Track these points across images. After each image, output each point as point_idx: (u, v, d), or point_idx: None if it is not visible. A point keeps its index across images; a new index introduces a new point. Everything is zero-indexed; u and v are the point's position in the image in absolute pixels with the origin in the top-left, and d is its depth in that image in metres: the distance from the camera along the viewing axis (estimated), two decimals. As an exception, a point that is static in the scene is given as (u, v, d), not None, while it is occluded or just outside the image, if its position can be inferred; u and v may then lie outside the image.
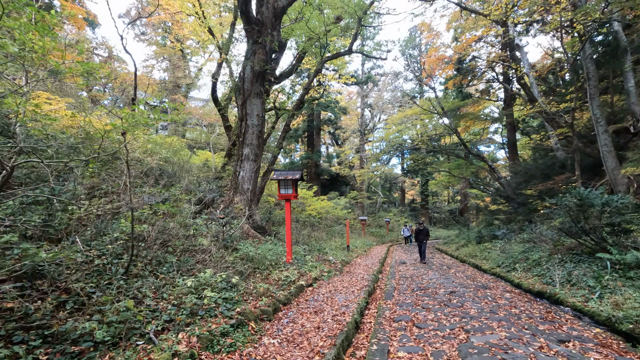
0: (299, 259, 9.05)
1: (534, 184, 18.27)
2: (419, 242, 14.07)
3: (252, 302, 5.39)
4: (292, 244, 11.51)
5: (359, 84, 30.66)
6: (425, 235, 14.02)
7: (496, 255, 13.54)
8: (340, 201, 29.37)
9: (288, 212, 8.46)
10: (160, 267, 5.51)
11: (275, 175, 8.42)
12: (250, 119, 11.39)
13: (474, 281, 9.33)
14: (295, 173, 8.41)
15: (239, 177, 11.61)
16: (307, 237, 14.59)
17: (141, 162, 10.06)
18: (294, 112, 17.56)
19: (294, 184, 8.36)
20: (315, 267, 9.01)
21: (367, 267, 11.61)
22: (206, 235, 7.37)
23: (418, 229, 14.18)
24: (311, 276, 7.85)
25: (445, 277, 9.83)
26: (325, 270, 9.07)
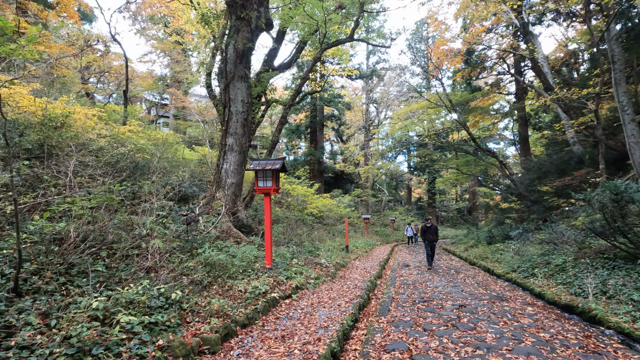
0: (282, 263, 7.64)
1: (549, 181, 16.70)
2: (427, 242, 11.59)
3: (195, 325, 3.99)
4: (280, 245, 10.11)
5: (363, 78, 29.14)
6: (434, 233, 11.47)
7: (510, 258, 12.02)
8: (344, 199, 27.90)
9: (267, 208, 7.06)
10: (79, 277, 4.15)
11: (252, 165, 7.03)
12: (234, 104, 10.02)
13: (487, 290, 7.81)
14: (276, 162, 7.00)
15: (222, 171, 10.26)
16: (303, 237, 13.19)
17: (106, 152, 8.75)
18: (290, 102, 16.20)
19: (274, 175, 6.96)
20: (300, 272, 7.60)
21: (364, 272, 10.15)
22: (162, 236, 6.00)
23: (425, 227, 11.55)
24: (291, 285, 6.43)
25: (453, 285, 8.32)
26: (312, 277, 7.65)
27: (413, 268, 11.64)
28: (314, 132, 29.32)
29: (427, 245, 11.67)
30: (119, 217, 5.75)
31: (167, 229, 6.48)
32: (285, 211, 16.75)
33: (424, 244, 11.71)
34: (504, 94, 26.62)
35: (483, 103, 26.27)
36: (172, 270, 5.25)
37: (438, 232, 11.65)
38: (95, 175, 7.20)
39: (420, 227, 11.50)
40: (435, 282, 8.82)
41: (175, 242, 6.48)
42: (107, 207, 5.76)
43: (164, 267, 5.36)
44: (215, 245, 7.07)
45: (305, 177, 28.39)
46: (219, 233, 9.01)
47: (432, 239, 11.52)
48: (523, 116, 24.68)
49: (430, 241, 11.56)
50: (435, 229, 11.55)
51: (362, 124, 34.40)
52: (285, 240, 11.10)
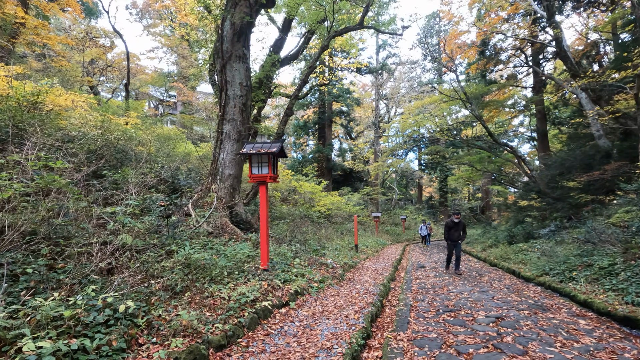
0: (281, 264, 6.50)
1: (573, 176, 15.31)
2: (451, 242, 9.54)
3: (149, 350, 2.87)
4: (282, 243, 8.97)
5: (373, 72, 27.87)
6: (462, 231, 9.52)
7: (536, 259, 10.71)
8: (353, 197, 26.68)
9: (263, 199, 5.94)
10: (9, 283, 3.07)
11: (246, 148, 5.90)
12: (231, 88, 8.92)
13: (520, 296, 6.56)
14: (273, 145, 5.86)
15: (218, 161, 9.17)
16: (308, 235, 12.05)
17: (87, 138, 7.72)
18: (296, 93, 15.10)
19: (270, 160, 5.82)
20: (302, 274, 6.44)
21: (376, 273, 8.95)
22: (135, 230, 4.91)
23: (451, 223, 9.48)
24: (289, 290, 5.27)
25: (480, 290, 7.07)
26: (315, 280, 6.48)
27: (429, 270, 10.39)
28: (322, 128, 28.16)
29: (450, 245, 9.64)
30: (76, 206, 4.67)
31: (142, 222, 5.39)
32: (292, 209, 15.61)
33: (447, 243, 9.73)
34: (521, 87, 25.11)
35: (498, 97, 24.80)
36: (138, 272, 4.15)
37: (465, 229, 9.70)
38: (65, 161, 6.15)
39: (445, 224, 9.61)
40: (457, 286, 7.57)
41: (154, 238, 5.39)
42: (64, 194, 4.68)
43: (130, 268, 4.26)
44: (200, 243, 5.96)
45: (313, 174, 27.25)
46: (212, 229, 7.92)
47: (458, 238, 9.48)
48: (542, 110, 23.20)
49: (455, 241, 9.49)
50: (463, 226, 9.58)
51: (371, 120, 33.12)
52: (289, 238, 9.96)
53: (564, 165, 17.45)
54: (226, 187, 9.07)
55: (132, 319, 3.11)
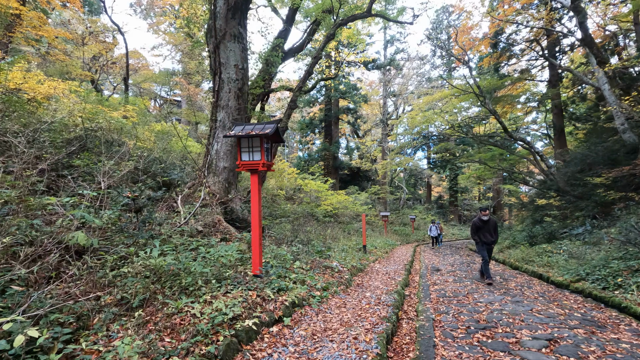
0: (278, 268, 5.44)
1: (597, 172, 14.10)
2: (483, 244, 7.83)
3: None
4: (282, 244, 7.92)
5: (380, 67, 26.71)
6: (494, 231, 7.90)
7: (564, 262, 9.55)
8: (360, 196, 25.56)
9: (255, 191, 4.90)
10: None
11: (235, 130, 4.87)
12: (225, 70, 7.90)
13: (561, 307, 5.41)
14: (266, 127, 4.82)
15: (212, 152, 8.17)
16: (312, 235, 11.01)
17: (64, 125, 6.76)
18: (300, 84, 14.08)
19: (263, 144, 4.78)
20: (302, 281, 5.38)
21: (387, 277, 7.85)
22: (89, 226, 3.90)
23: (479, 221, 7.83)
24: (284, 302, 4.20)
25: (512, 299, 5.92)
26: (318, 287, 5.41)
27: (446, 273, 9.25)
28: (328, 126, 27.09)
29: (481, 247, 7.83)
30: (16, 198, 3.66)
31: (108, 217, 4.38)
32: (296, 207, 14.58)
33: (477, 246, 7.96)
34: (536, 81, 23.78)
35: (512, 91, 23.50)
36: (86, 281, 3.13)
37: (497, 228, 8.06)
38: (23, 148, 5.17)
39: (472, 224, 8.02)
40: (484, 294, 6.44)
41: (119, 237, 4.37)
42: None
43: (74, 275, 3.24)
44: (180, 242, 4.93)
45: (319, 173, 26.20)
46: (202, 227, 6.91)
47: (491, 240, 7.87)
48: (558, 105, 21.87)
49: (487, 243, 7.85)
50: (494, 224, 7.93)
51: (379, 118, 31.94)
52: (291, 238, 8.92)
53: (585, 162, 16.19)
54: (220, 182, 8.06)
55: (40, 355, 2.08)
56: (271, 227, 9.38)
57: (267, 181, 20.45)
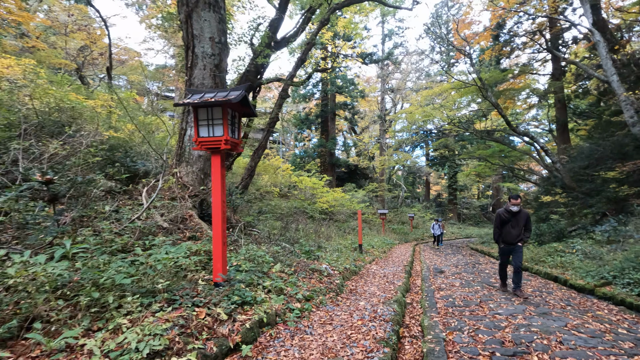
0: (250, 274, 4.33)
1: (607, 167, 13.13)
2: (506, 245, 6.01)
3: None
4: (262, 244, 6.81)
5: (378, 62, 25.56)
6: (524, 227, 5.94)
7: (579, 262, 8.52)
8: (358, 194, 24.45)
9: (217, 176, 3.78)
10: None
11: (189, 97, 3.76)
12: (199, 44, 6.78)
13: (599, 320, 4.31)
14: (232, 92, 3.71)
15: (184, 138, 7.04)
16: (301, 233, 9.90)
17: None
18: (293, 73, 13.00)
19: (226, 115, 3.66)
20: (279, 289, 4.25)
21: (385, 281, 6.74)
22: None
23: (506, 214, 5.89)
24: (246, 321, 3.08)
25: (537, 310, 4.77)
26: (299, 296, 4.28)
27: (451, 276, 8.14)
28: (325, 122, 25.94)
29: (504, 250, 6.06)
30: None
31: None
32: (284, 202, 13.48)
33: (500, 247, 6.11)
34: (539, 74, 22.72)
35: (514, 85, 22.42)
36: None
37: (530, 224, 5.98)
38: None
39: (497, 216, 5.98)
40: (501, 302, 5.32)
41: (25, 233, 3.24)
42: None
43: None
44: (116, 242, 3.81)
45: (316, 170, 25.10)
46: (168, 223, 5.79)
47: (518, 237, 5.83)
48: (561, 99, 20.80)
49: (512, 242, 5.88)
50: (526, 219, 5.88)
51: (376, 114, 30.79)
52: (277, 237, 7.81)
53: (592, 157, 15.16)
54: (194, 172, 6.93)
55: None
56: (255, 224, 8.26)
57: (259, 178, 19.32)
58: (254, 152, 12.99)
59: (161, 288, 2.80)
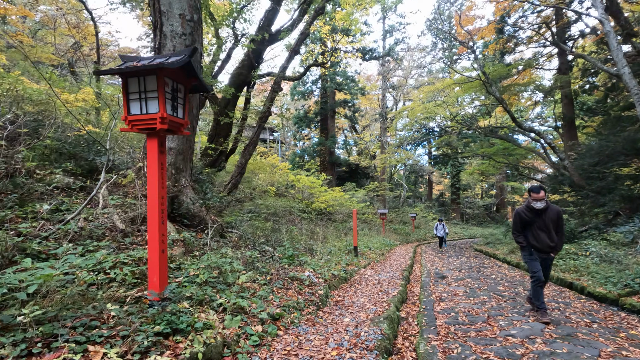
0: (207, 287, 3.48)
1: (618, 163, 12.23)
2: (535, 252, 4.47)
3: None
4: (242, 247, 5.95)
5: (378, 58, 24.65)
6: (556, 227, 4.37)
7: (594, 266, 7.63)
8: (358, 193, 23.55)
9: (153, 165, 2.95)
10: None
11: (122, 64, 2.91)
12: (168, 22, 5.94)
13: (637, 345, 3.42)
14: (172, 57, 2.86)
15: (153, 129, 6.17)
16: (285, 235, 9.03)
17: None
18: (285, 64, 12.21)
19: (162, 87, 2.82)
20: (238, 307, 3.37)
21: (378, 290, 5.85)
22: None
23: (528, 213, 4.40)
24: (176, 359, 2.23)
25: (559, 330, 3.85)
26: (264, 315, 3.39)
27: (454, 283, 7.22)
28: (324, 120, 25.06)
29: (532, 257, 4.49)
30: None
31: None
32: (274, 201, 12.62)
33: (524, 254, 4.62)
34: (545, 69, 21.70)
35: (519, 81, 21.42)
36: None
37: (564, 224, 4.52)
38: None
39: (515, 215, 4.65)
40: (512, 318, 4.40)
41: None
42: None
43: None
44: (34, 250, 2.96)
45: (315, 169, 24.24)
46: (126, 225, 4.95)
47: (552, 243, 4.35)
48: (568, 94, 19.80)
49: (543, 250, 4.41)
50: (558, 216, 4.39)
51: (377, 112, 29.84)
52: (259, 239, 6.95)
53: (602, 153, 14.17)
54: (164, 166, 6.08)
55: None
56: (237, 225, 7.40)
57: (255, 176, 18.48)
58: (245, 148, 12.17)
59: (29, 320, 1.94)
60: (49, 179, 5.68)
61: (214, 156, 13.34)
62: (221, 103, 13.52)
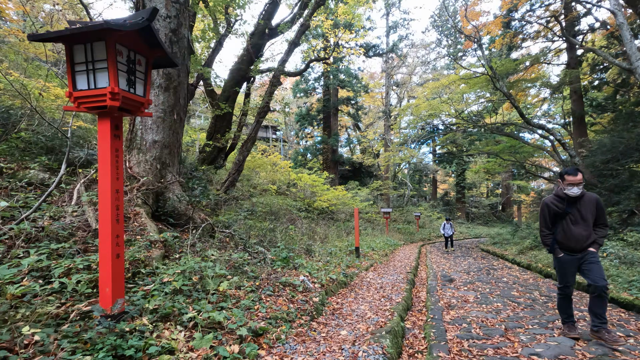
0: (183, 295, 2.95)
1: (633, 160, 11.65)
2: (573, 252, 3.52)
3: None
4: (232, 248, 5.41)
5: (382, 54, 24.01)
6: (595, 219, 3.50)
7: (614, 269, 7.03)
8: (361, 192, 22.96)
9: (106, 153, 2.42)
10: None
11: (66, 28, 2.39)
12: (150, 3, 5.41)
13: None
14: (127, 20, 2.33)
15: (136, 120, 5.68)
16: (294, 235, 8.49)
17: None
18: (285, 57, 11.70)
19: (113, 55, 2.29)
20: (211, 321, 2.83)
21: (380, 296, 5.28)
22: None
23: (557, 201, 3.59)
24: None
25: (594, 349, 3.28)
26: (242, 331, 2.85)
27: (463, 287, 6.63)
28: (327, 117, 24.48)
29: (564, 263, 3.58)
30: None
31: None
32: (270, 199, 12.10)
33: (557, 258, 3.65)
34: (553, 64, 20.97)
35: (526, 76, 20.70)
36: None
37: (605, 213, 3.58)
38: None
39: (543, 206, 3.69)
40: (535, 332, 3.81)
41: None
42: None
43: None
44: None
45: (318, 168, 23.71)
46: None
47: (588, 239, 3.47)
48: (578, 90, 19.05)
49: (578, 249, 3.50)
50: (597, 204, 3.53)
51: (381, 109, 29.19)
52: (254, 239, 6.41)
53: (615, 150, 13.52)
54: (148, 161, 5.57)
55: None
56: (230, 224, 6.86)
57: (256, 175, 17.98)
58: (242, 145, 11.64)
59: None
60: (21, 174, 5.19)
61: (213, 153, 12.85)
62: (220, 98, 13.03)
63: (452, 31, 26.61)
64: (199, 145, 16.74)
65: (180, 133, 6.19)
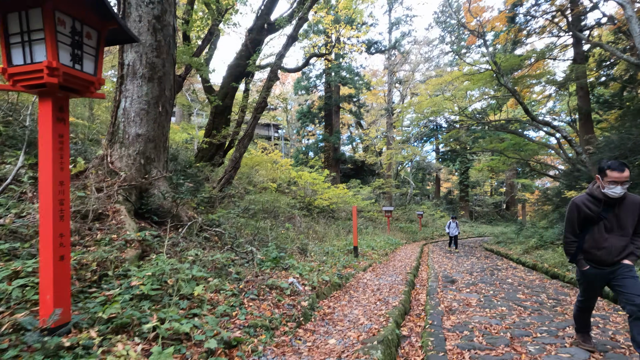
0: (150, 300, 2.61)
1: None
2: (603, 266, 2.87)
3: None
4: (220, 247, 5.08)
5: (384, 51, 23.57)
6: (637, 228, 2.81)
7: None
8: (363, 190, 22.57)
9: (47, 139, 2.09)
10: None
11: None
12: (133, -11, 5.08)
13: None
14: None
15: (119, 112, 5.35)
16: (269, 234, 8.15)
17: None
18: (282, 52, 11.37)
19: (52, 24, 1.96)
20: (175, 332, 2.48)
21: (377, 299, 4.92)
22: None
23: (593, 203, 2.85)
24: None
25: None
26: (210, 344, 2.50)
27: (465, 288, 6.25)
28: (328, 115, 24.09)
29: (590, 277, 2.98)
30: None
31: None
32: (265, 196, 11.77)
33: (582, 271, 3.01)
34: (559, 60, 20.43)
35: (532, 72, 20.18)
36: None
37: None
38: None
39: (571, 207, 2.98)
40: (545, 342, 3.43)
41: None
42: None
43: None
44: None
45: (319, 166, 23.34)
46: (76, 222, 4.10)
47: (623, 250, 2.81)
48: (584, 85, 18.54)
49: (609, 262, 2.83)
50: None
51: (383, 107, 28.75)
52: (238, 236, 6.07)
53: (623, 146, 12.98)
54: (131, 156, 5.24)
55: None
56: (222, 223, 6.53)
57: (256, 173, 17.66)
58: (239, 141, 11.31)
59: None
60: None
61: (211, 150, 12.57)
62: (218, 95, 12.73)
63: (456, 27, 26.10)
64: (197, 142, 16.45)
65: (166, 126, 5.85)
